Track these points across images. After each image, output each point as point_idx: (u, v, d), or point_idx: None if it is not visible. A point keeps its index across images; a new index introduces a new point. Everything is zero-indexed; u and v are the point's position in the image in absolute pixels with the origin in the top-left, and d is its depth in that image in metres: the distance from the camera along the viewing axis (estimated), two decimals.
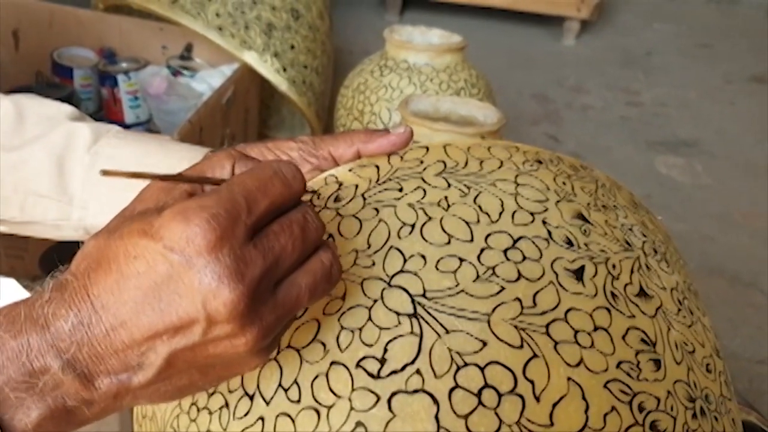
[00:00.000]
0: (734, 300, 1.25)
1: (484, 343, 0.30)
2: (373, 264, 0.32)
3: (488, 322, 0.30)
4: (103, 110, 1.28)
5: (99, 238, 0.26)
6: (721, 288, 1.27)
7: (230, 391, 0.33)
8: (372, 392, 0.29)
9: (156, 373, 0.26)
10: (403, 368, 0.30)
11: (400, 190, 0.35)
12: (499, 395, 0.29)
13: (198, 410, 0.34)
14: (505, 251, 0.32)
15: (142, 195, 0.29)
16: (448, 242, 0.32)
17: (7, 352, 0.25)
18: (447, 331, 0.30)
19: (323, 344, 0.31)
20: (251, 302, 0.25)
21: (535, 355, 0.30)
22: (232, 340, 0.26)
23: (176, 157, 0.44)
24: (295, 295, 0.27)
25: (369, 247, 0.33)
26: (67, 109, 0.47)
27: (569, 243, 0.34)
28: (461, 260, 0.32)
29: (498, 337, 0.30)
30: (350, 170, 0.37)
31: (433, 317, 0.30)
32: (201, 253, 0.24)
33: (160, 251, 0.24)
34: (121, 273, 0.25)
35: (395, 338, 0.30)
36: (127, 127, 1.24)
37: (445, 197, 0.34)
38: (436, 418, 0.29)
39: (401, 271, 0.32)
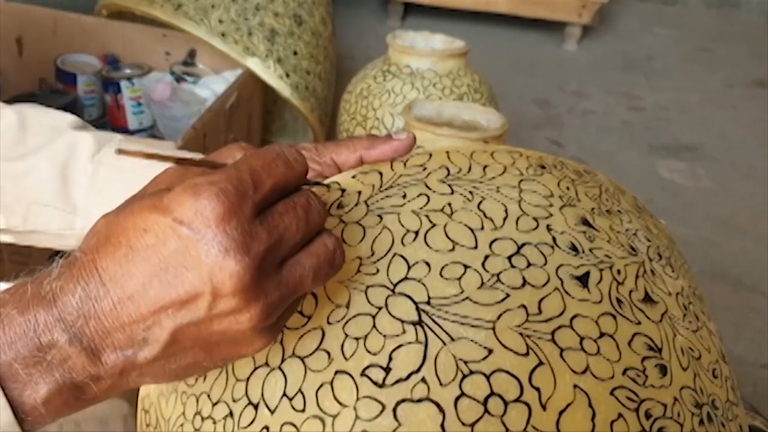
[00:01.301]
0: (737, 304, 1.24)
1: (490, 351, 0.30)
2: (377, 271, 0.32)
3: (493, 329, 0.30)
4: (107, 116, 1.29)
5: (109, 216, 0.27)
6: (724, 292, 1.27)
7: (234, 400, 0.32)
8: (377, 401, 0.29)
9: (161, 349, 0.26)
10: (408, 376, 0.29)
11: (404, 196, 0.35)
12: (505, 403, 0.29)
13: (202, 419, 0.33)
14: (509, 258, 0.32)
15: (156, 180, 0.30)
16: (452, 249, 0.32)
17: (15, 327, 0.25)
18: (452, 339, 0.30)
19: (328, 353, 0.31)
20: (256, 275, 0.25)
21: (541, 363, 0.30)
22: (237, 316, 0.26)
23: None
24: (299, 275, 0.27)
25: (373, 254, 0.33)
26: (70, 118, 0.47)
27: (574, 249, 0.33)
28: (466, 267, 0.32)
29: (503, 345, 0.30)
30: (353, 177, 0.37)
31: (438, 325, 0.30)
32: (209, 225, 0.24)
33: (170, 224, 0.25)
34: (130, 246, 0.25)
35: (400, 346, 0.30)
36: (130, 133, 1.24)
37: (449, 203, 0.34)
38: (442, 426, 0.29)
39: (405, 278, 0.32)
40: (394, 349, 0.30)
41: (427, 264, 0.32)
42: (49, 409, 0.26)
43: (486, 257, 0.32)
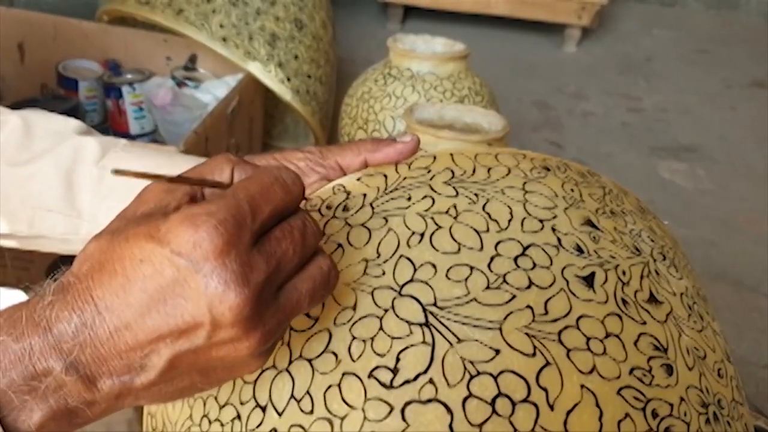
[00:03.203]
0: (739, 305, 1.25)
1: (497, 352, 0.30)
2: (383, 273, 0.32)
3: (500, 330, 0.30)
4: (108, 121, 1.29)
5: (101, 239, 0.26)
6: (725, 293, 1.27)
7: (242, 403, 0.32)
8: (385, 402, 0.29)
9: (158, 375, 0.26)
10: (416, 378, 0.30)
11: (409, 198, 0.35)
12: (513, 404, 0.29)
13: (210, 422, 0.34)
14: (515, 259, 0.32)
15: (143, 196, 0.29)
16: (458, 251, 0.33)
17: (10, 355, 0.25)
18: (459, 340, 0.30)
19: (335, 354, 0.31)
20: (256, 306, 0.25)
21: (547, 363, 0.30)
22: (235, 344, 0.26)
23: (184, 169, 0.45)
24: (296, 300, 0.27)
25: (379, 256, 0.33)
26: (74, 123, 0.47)
27: (579, 250, 0.34)
28: (471, 268, 0.32)
29: (510, 346, 0.30)
30: (358, 179, 0.37)
31: (445, 326, 0.30)
32: (208, 258, 0.24)
33: (167, 256, 0.25)
34: (126, 276, 0.25)
35: (407, 348, 0.30)
36: (132, 138, 1.24)
37: (454, 205, 0.34)
38: (450, 427, 0.29)
39: (411, 280, 0.32)
40: (402, 351, 0.30)
41: (433, 266, 0.32)
42: None
43: (492, 258, 0.32)
